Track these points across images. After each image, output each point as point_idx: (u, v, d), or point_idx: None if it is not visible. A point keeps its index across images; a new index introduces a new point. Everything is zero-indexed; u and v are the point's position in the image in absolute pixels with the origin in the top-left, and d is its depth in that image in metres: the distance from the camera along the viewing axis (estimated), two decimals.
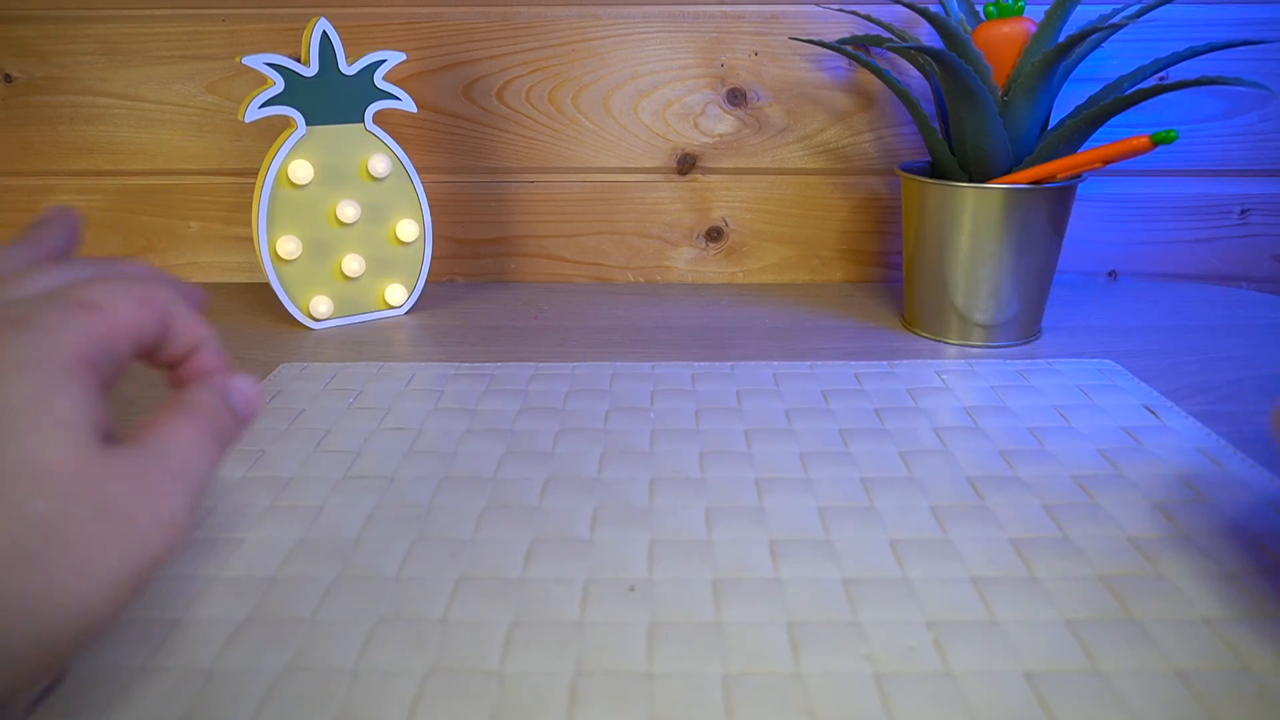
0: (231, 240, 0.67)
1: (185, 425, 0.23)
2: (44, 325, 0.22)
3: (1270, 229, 0.65)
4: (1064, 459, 0.38)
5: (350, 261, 0.55)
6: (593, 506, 0.35)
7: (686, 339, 0.54)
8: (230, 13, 0.61)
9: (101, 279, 0.24)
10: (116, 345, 0.23)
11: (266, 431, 0.41)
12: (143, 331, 0.24)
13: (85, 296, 0.23)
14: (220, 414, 0.25)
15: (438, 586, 0.30)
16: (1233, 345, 0.52)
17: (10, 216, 0.67)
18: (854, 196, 0.65)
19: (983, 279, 0.50)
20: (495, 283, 0.68)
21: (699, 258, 0.67)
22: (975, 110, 0.47)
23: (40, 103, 0.64)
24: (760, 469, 0.37)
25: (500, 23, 0.62)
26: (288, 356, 0.51)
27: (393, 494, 0.36)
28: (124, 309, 0.23)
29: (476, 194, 0.66)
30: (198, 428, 0.23)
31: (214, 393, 0.25)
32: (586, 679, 0.26)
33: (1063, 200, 0.49)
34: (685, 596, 0.29)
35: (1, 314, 0.22)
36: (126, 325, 0.23)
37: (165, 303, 0.25)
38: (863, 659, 0.26)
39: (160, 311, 0.25)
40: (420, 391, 0.46)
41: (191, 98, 0.63)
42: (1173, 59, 0.48)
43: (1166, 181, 0.64)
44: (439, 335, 0.55)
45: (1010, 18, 0.49)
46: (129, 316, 0.24)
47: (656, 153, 0.64)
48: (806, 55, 0.62)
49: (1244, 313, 0.58)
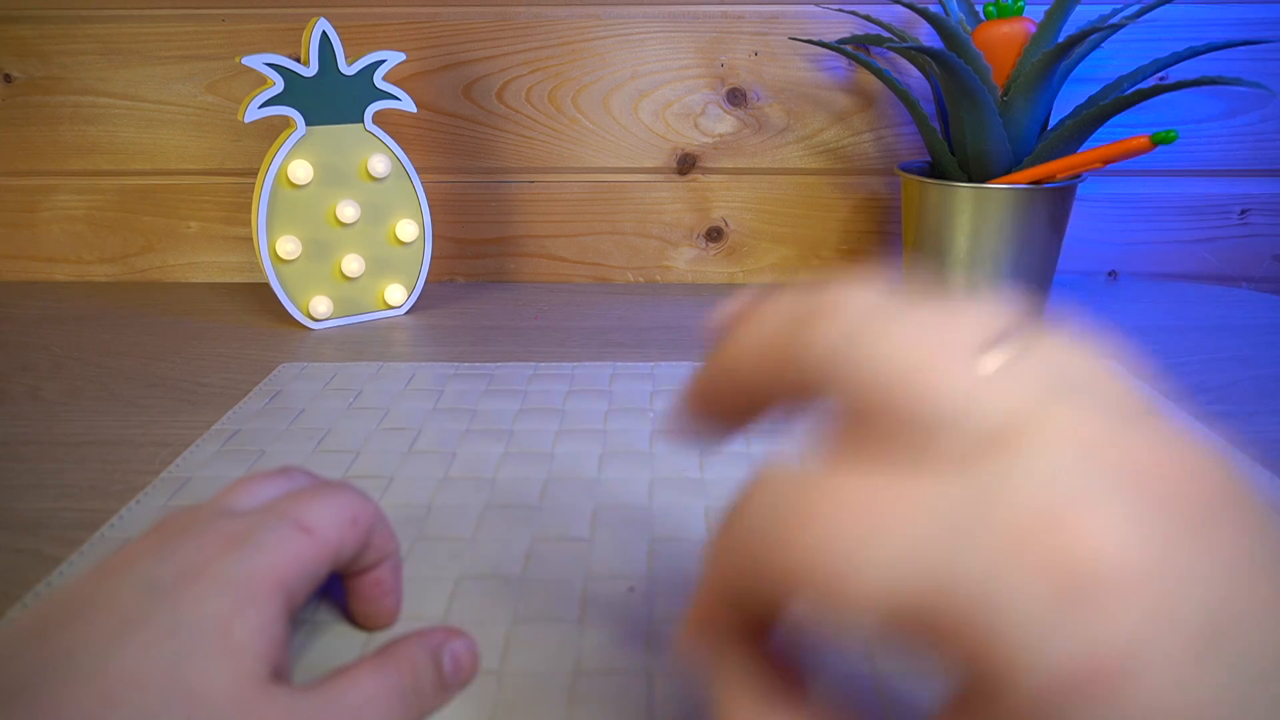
0: (231, 240, 0.67)
1: (371, 679, 0.23)
2: (261, 544, 0.23)
3: (1270, 229, 0.65)
4: None
5: (350, 261, 0.55)
6: (592, 506, 0.35)
7: (686, 339, 0.54)
8: (230, 13, 0.61)
9: (316, 495, 0.25)
10: (319, 568, 0.24)
11: (265, 431, 0.41)
12: (343, 551, 0.25)
13: (303, 518, 0.24)
14: (421, 674, 0.24)
15: (437, 586, 0.30)
16: (1233, 345, 0.52)
17: (10, 216, 0.67)
18: (854, 196, 0.65)
19: (982, 279, 0.50)
20: (495, 283, 0.68)
21: (699, 258, 0.67)
22: (975, 110, 0.47)
23: (40, 103, 0.64)
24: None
25: (500, 23, 0.62)
26: (287, 356, 0.51)
27: (392, 494, 0.36)
28: (334, 531, 0.24)
29: (476, 194, 0.66)
30: (385, 684, 0.23)
31: (425, 651, 0.24)
32: (586, 679, 0.26)
33: (1062, 200, 0.49)
34: (685, 596, 0.29)
35: (225, 527, 0.23)
36: (334, 548, 0.24)
37: (370, 521, 0.26)
38: (862, 659, 0.26)
39: (365, 530, 0.25)
40: (420, 391, 0.46)
41: (191, 98, 0.63)
42: (1173, 59, 0.48)
43: (1166, 181, 0.64)
44: (439, 335, 0.55)
45: (1010, 18, 0.49)
46: (338, 539, 0.24)
47: (656, 153, 0.64)
48: (806, 55, 0.62)
49: (1244, 313, 0.58)
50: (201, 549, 0.22)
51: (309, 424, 0.42)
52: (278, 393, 0.46)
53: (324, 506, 0.25)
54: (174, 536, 0.23)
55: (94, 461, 0.39)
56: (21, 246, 0.68)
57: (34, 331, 0.56)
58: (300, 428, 0.42)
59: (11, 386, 0.47)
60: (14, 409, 0.45)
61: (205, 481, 0.37)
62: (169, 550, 0.22)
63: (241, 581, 0.21)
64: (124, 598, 0.21)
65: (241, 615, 0.21)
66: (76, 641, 0.20)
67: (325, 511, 0.25)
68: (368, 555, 0.26)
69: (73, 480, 0.37)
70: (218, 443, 0.40)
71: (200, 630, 0.20)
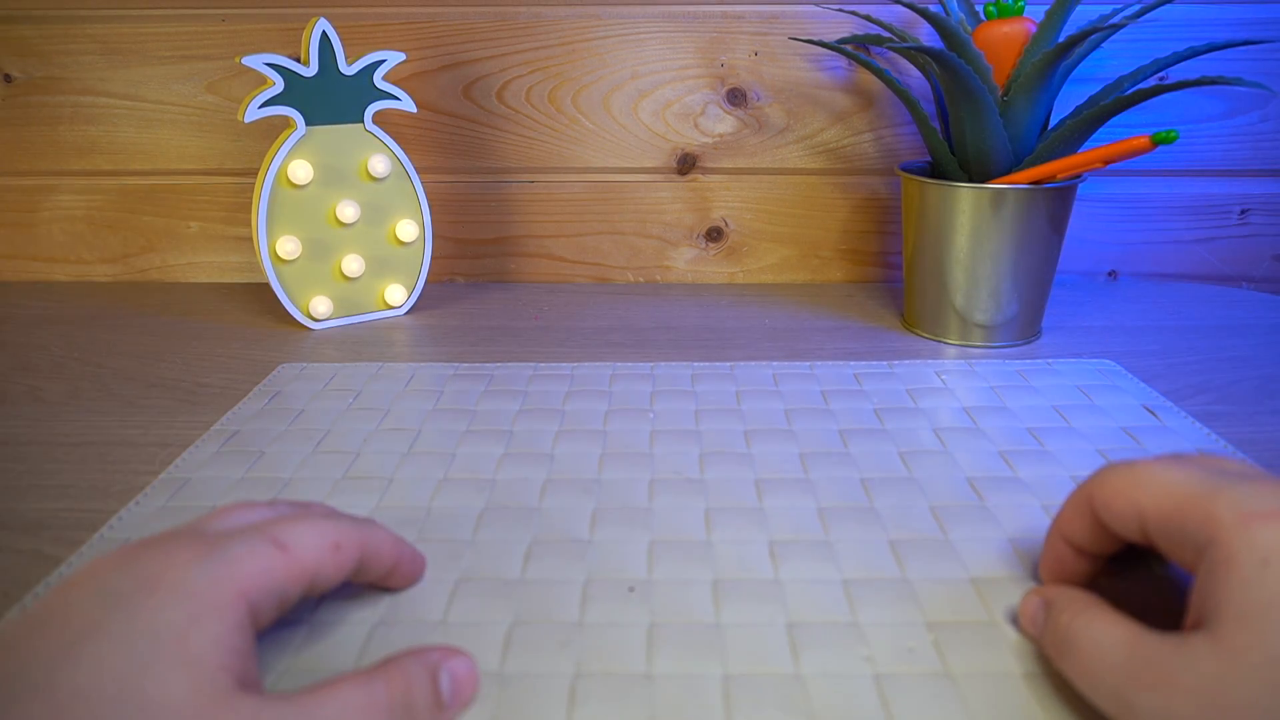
0: (231, 240, 0.67)
1: (354, 690, 0.22)
2: (225, 557, 0.22)
3: (1270, 229, 0.65)
4: (1064, 460, 0.38)
5: (350, 261, 0.55)
6: (592, 507, 0.35)
7: (686, 339, 0.54)
8: (230, 13, 0.61)
9: (300, 518, 0.25)
10: (290, 586, 0.23)
11: (265, 432, 0.41)
12: (322, 575, 0.24)
13: (279, 534, 0.24)
14: (416, 692, 0.23)
15: (437, 587, 0.30)
16: (1233, 345, 0.52)
17: (10, 216, 0.67)
18: (854, 196, 0.65)
19: (982, 279, 0.50)
20: (495, 283, 0.68)
21: (699, 258, 0.67)
22: (975, 110, 0.47)
23: (40, 103, 0.64)
24: (760, 469, 0.37)
25: (500, 23, 0.62)
26: (287, 356, 0.51)
27: (392, 495, 0.36)
28: (312, 553, 0.24)
29: (476, 194, 0.66)
30: (370, 698, 0.22)
31: (421, 667, 0.24)
32: (586, 680, 0.26)
33: (1063, 200, 0.49)
34: (685, 597, 0.29)
35: (195, 541, 0.23)
36: (309, 568, 0.24)
37: (357, 547, 0.26)
38: (862, 660, 0.26)
39: (349, 557, 0.25)
40: (420, 392, 0.46)
41: (191, 98, 0.63)
42: (1173, 59, 0.48)
43: (1166, 181, 0.64)
44: (439, 335, 0.55)
45: (1010, 18, 0.49)
46: (315, 560, 0.24)
47: (656, 153, 0.64)
48: (806, 55, 0.62)
49: (1244, 313, 0.58)
50: (165, 559, 0.22)
51: (309, 424, 0.42)
52: (277, 393, 0.46)
53: (306, 529, 0.24)
54: (142, 550, 0.22)
55: (94, 461, 0.39)
56: (21, 246, 0.68)
57: (34, 331, 0.56)
58: (300, 428, 0.42)
59: (11, 386, 0.47)
60: (14, 409, 0.45)
61: (205, 481, 0.37)
62: (132, 561, 0.22)
63: (201, 590, 0.21)
64: (80, 609, 0.21)
65: (199, 625, 0.20)
66: (30, 655, 0.20)
67: (306, 534, 0.24)
68: (374, 566, 0.27)
69: (73, 480, 0.37)
70: (218, 443, 0.40)
71: (156, 640, 0.20)
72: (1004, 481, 0.36)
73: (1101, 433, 0.41)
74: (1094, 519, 0.26)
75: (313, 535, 0.24)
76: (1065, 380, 0.46)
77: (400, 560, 0.28)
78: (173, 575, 0.21)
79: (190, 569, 0.22)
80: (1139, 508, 0.24)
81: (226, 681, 0.20)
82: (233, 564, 0.22)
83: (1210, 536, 0.22)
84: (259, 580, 0.22)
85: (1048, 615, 0.26)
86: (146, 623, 0.20)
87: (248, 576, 0.22)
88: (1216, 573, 0.21)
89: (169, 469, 0.38)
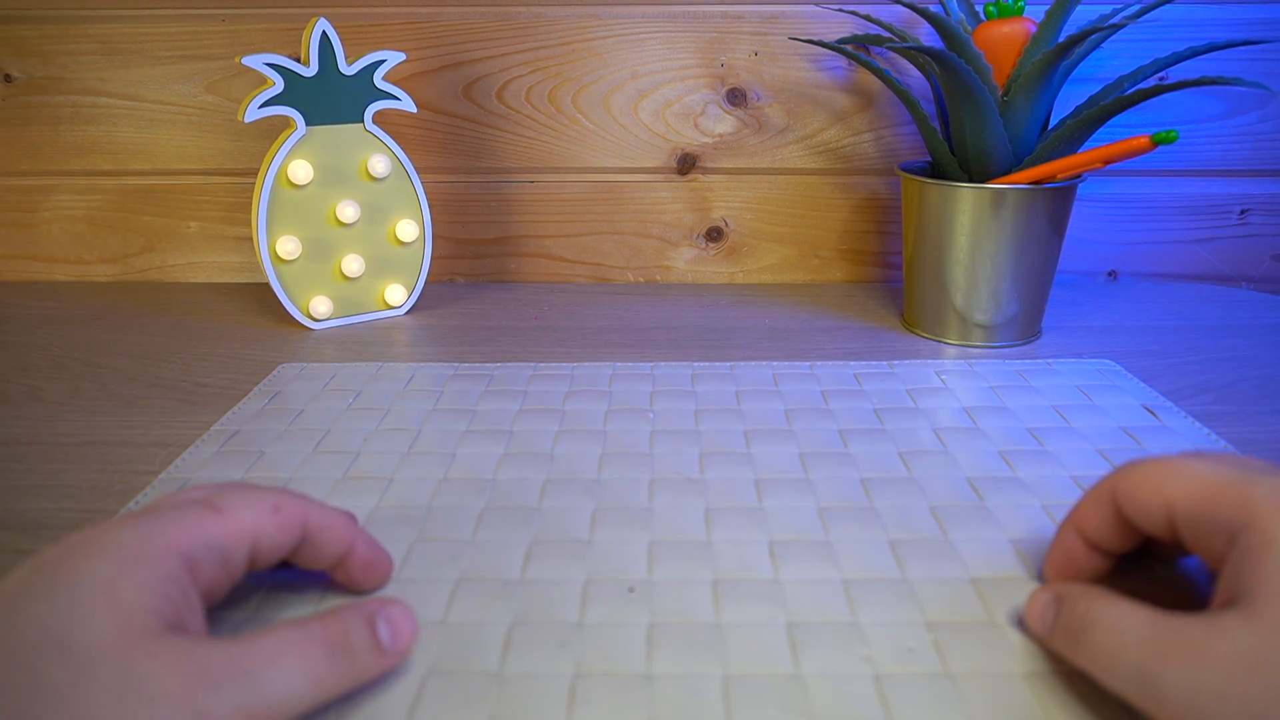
0: (231, 240, 0.67)
1: (295, 632, 0.23)
2: (157, 518, 0.23)
3: (1270, 229, 0.65)
4: (1064, 460, 0.38)
5: (350, 261, 0.55)
6: (592, 507, 0.35)
7: (686, 339, 0.54)
8: (230, 13, 0.61)
9: (236, 487, 0.26)
10: (230, 544, 0.24)
11: (265, 432, 0.41)
12: (262, 536, 0.25)
13: (213, 499, 0.25)
14: (355, 640, 0.24)
15: (437, 588, 0.30)
16: (1233, 345, 0.52)
17: (10, 216, 0.67)
18: (854, 196, 0.65)
19: (982, 279, 0.50)
20: (495, 283, 0.68)
21: (699, 258, 0.67)
22: (975, 110, 0.47)
23: (40, 103, 0.64)
24: (760, 469, 0.37)
25: (500, 23, 0.62)
26: (287, 356, 0.51)
27: (392, 495, 0.36)
28: (247, 514, 0.25)
29: (476, 194, 0.66)
30: (306, 635, 0.23)
31: (359, 617, 0.24)
32: (586, 680, 0.26)
33: (1063, 200, 0.49)
34: (685, 597, 0.29)
35: (130, 515, 0.24)
36: (245, 527, 0.25)
37: (299, 512, 0.26)
38: (862, 660, 0.26)
39: (292, 518, 0.26)
40: (420, 392, 0.46)
41: (191, 98, 0.63)
42: (1173, 59, 0.48)
43: (1166, 181, 0.64)
44: (439, 335, 0.55)
45: (1010, 18, 0.49)
46: (251, 522, 0.25)
47: (656, 153, 0.64)
48: (806, 55, 0.62)
49: (1244, 313, 0.58)
50: (97, 529, 0.23)
51: (308, 424, 0.42)
52: (277, 393, 0.46)
53: (240, 493, 0.25)
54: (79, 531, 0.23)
55: (94, 461, 0.39)
56: (21, 246, 0.68)
57: (34, 331, 0.56)
58: (300, 428, 0.42)
59: (11, 386, 0.47)
60: (14, 409, 0.45)
61: (204, 481, 0.37)
62: (67, 538, 0.23)
63: (129, 545, 0.22)
64: (14, 578, 0.21)
65: (126, 573, 0.21)
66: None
67: (240, 497, 0.25)
68: (324, 546, 0.27)
69: (73, 480, 0.37)
70: (217, 443, 0.40)
71: (84, 590, 0.21)
72: (1004, 481, 0.36)
73: (1101, 433, 0.41)
74: (1115, 512, 0.26)
75: (248, 497, 0.25)
76: (1065, 380, 0.46)
77: (355, 545, 0.28)
78: (104, 539, 0.22)
79: (121, 531, 0.22)
80: (1167, 498, 0.24)
81: (155, 623, 0.21)
82: (163, 523, 0.23)
83: (1245, 521, 0.22)
84: (192, 536, 0.23)
85: (1060, 607, 0.26)
86: (74, 577, 0.21)
87: (178, 531, 0.23)
88: (1254, 553, 0.22)
89: (169, 469, 0.38)
